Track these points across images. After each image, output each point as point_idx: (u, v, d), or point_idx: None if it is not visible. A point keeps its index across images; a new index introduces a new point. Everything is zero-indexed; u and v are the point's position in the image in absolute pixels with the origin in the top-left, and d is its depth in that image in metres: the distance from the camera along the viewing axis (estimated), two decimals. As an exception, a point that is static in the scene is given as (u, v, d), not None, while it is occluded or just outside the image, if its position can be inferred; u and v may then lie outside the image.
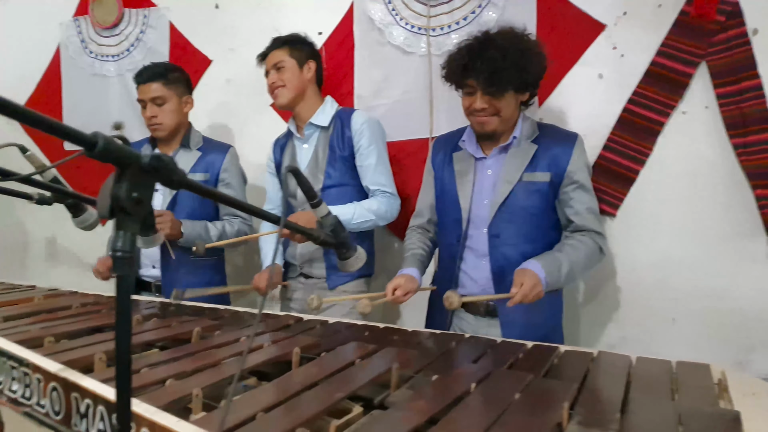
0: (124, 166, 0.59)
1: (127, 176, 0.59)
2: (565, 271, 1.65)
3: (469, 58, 1.69)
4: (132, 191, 0.60)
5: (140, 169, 0.60)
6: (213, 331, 1.50)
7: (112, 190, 0.59)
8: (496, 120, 1.75)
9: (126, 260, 0.60)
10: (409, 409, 0.97)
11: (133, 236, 0.61)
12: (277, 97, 2.20)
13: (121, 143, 0.58)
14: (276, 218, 0.87)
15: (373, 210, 2.09)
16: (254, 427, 0.88)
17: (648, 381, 1.21)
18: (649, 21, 1.99)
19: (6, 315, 1.52)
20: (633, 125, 2.02)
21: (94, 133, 0.56)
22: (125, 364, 0.60)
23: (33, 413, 1.07)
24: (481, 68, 1.66)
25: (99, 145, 0.55)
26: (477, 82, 1.70)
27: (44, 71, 3.44)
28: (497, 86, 1.68)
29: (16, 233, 3.69)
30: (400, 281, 1.78)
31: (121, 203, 0.59)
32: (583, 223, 1.75)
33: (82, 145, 0.55)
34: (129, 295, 0.61)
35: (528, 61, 1.69)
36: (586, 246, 1.72)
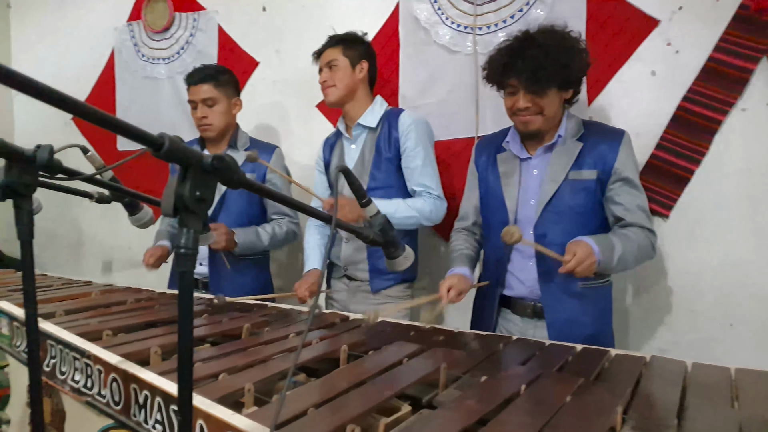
0: (188, 166, 0.61)
1: (190, 176, 0.61)
2: (618, 255, 1.60)
3: (510, 58, 1.67)
4: (195, 190, 0.61)
5: (202, 169, 0.62)
6: (262, 328, 1.53)
7: (176, 190, 0.61)
8: (540, 119, 1.72)
9: (189, 257, 0.62)
10: (458, 409, 0.97)
11: (196, 234, 0.62)
12: (327, 95, 2.20)
13: (186, 148, 0.59)
14: (327, 216, 0.88)
15: (417, 208, 2.07)
16: (306, 422, 0.89)
17: (705, 387, 1.17)
18: (706, 15, 1.91)
19: (67, 309, 1.59)
20: (688, 123, 1.96)
21: (160, 134, 0.57)
22: (187, 357, 0.62)
23: (94, 402, 1.12)
24: (522, 67, 1.64)
25: (165, 146, 0.57)
26: (519, 81, 1.68)
27: (99, 74, 3.58)
28: (540, 84, 1.65)
29: (72, 231, 3.85)
30: (453, 281, 1.76)
31: (184, 202, 0.61)
32: (633, 220, 1.70)
33: (150, 146, 0.57)
34: (191, 291, 0.63)
35: (570, 58, 1.66)
36: (639, 238, 1.68)
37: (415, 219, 2.07)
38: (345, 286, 2.23)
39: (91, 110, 0.50)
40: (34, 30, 3.94)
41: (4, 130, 3.94)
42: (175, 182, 0.62)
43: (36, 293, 1.29)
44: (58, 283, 2.14)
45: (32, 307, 0.81)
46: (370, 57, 2.23)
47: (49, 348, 1.27)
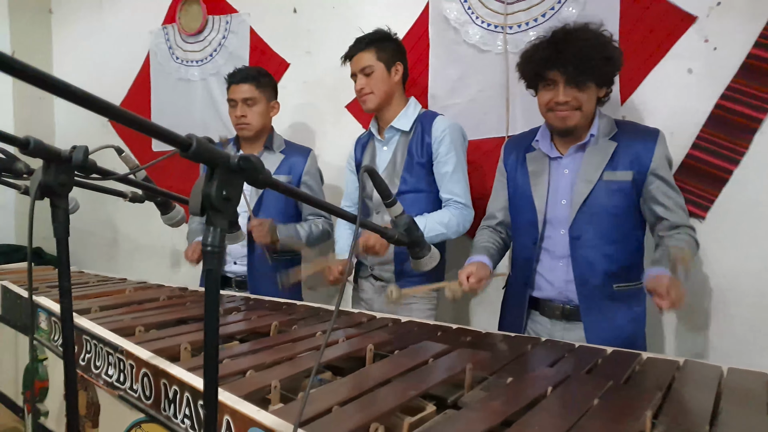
0: (215, 166, 0.62)
1: (217, 176, 0.62)
2: (683, 273, 1.56)
3: (552, 51, 1.65)
4: (221, 190, 0.63)
5: (229, 169, 0.63)
6: (290, 326, 1.54)
7: (204, 189, 0.62)
8: (578, 115, 1.69)
9: (216, 255, 0.63)
10: (483, 409, 0.96)
11: (222, 232, 0.64)
12: (365, 103, 2.17)
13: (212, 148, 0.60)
14: (353, 217, 0.88)
15: (444, 223, 2.05)
16: (330, 419, 0.90)
17: (741, 393, 1.14)
18: (746, 11, 1.86)
19: (102, 305, 1.64)
20: (726, 122, 1.90)
21: (188, 135, 0.59)
22: (213, 353, 0.63)
23: (126, 396, 1.15)
24: (567, 58, 1.62)
25: (193, 146, 0.58)
26: (561, 73, 1.65)
27: (135, 76, 3.67)
28: (583, 76, 1.63)
29: (106, 229, 3.95)
30: (472, 269, 1.74)
31: (211, 201, 0.62)
32: (677, 220, 1.68)
33: (178, 147, 0.58)
34: (217, 288, 0.64)
35: (611, 52, 1.65)
36: (688, 244, 1.65)
37: (442, 235, 2.05)
38: (372, 286, 2.24)
39: (122, 112, 0.51)
40: (74, 35, 4.07)
41: (46, 131, 4.08)
42: (203, 182, 0.63)
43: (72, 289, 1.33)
44: (93, 280, 2.21)
45: (68, 303, 0.83)
46: (402, 56, 2.21)
47: (85, 343, 1.31)
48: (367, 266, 2.25)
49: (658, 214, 1.70)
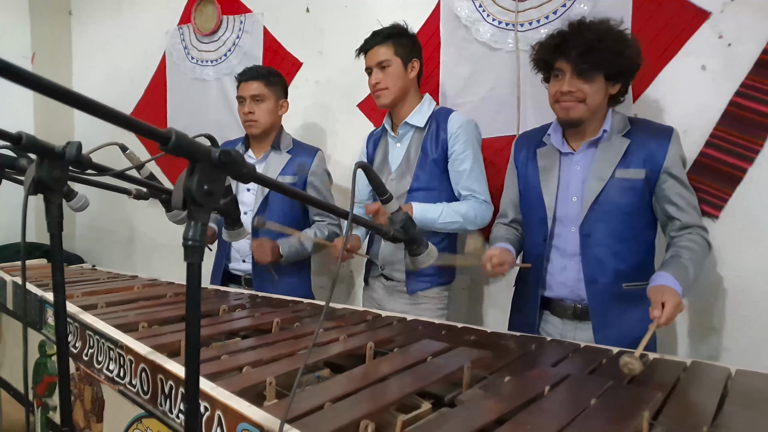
0: (196, 160, 0.62)
1: (198, 170, 0.62)
2: (692, 276, 1.56)
3: (563, 39, 1.64)
4: (203, 184, 0.63)
5: (211, 164, 0.63)
6: (293, 323, 1.55)
7: (185, 184, 0.62)
8: (582, 107, 1.66)
9: (197, 249, 0.63)
10: (477, 408, 0.96)
11: (203, 226, 0.64)
12: (379, 98, 2.15)
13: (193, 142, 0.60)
14: (345, 213, 0.88)
15: (461, 213, 2.03)
16: (321, 416, 0.90)
17: (747, 395, 1.11)
18: (760, 6, 1.81)
19: (108, 301, 1.66)
20: (741, 120, 1.86)
21: (168, 129, 0.59)
22: (195, 345, 0.63)
23: (126, 391, 1.16)
24: (574, 45, 1.60)
25: (172, 140, 0.59)
26: (568, 61, 1.63)
27: (152, 76, 3.72)
28: (589, 65, 1.60)
29: (124, 228, 4.01)
30: (495, 251, 1.73)
31: (192, 195, 0.62)
32: (688, 220, 1.65)
33: (156, 141, 0.58)
34: (199, 282, 0.64)
35: (624, 47, 1.62)
36: (699, 245, 1.63)
37: (459, 224, 2.04)
38: (382, 285, 2.23)
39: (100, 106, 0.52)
40: (93, 36, 4.14)
41: (65, 131, 4.15)
42: (184, 176, 0.63)
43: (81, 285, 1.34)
44: (104, 276, 2.24)
45: (61, 296, 0.85)
46: (419, 53, 2.19)
47: (88, 338, 1.32)
48: (378, 266, 2.24)
49: (669, 214, 1.67)
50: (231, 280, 2.49)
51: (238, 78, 2.46)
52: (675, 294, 1.44)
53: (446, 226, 2.04)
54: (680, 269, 1.54)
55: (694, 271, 1.57)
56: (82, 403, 1.42)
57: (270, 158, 2.45)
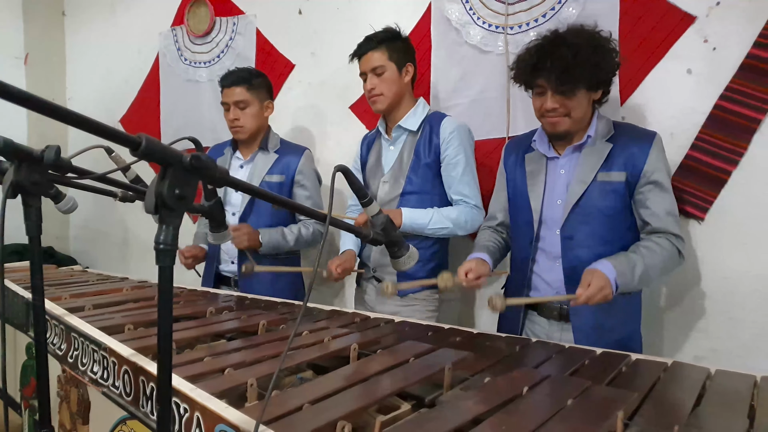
0: (167, 165, 0.63)
1: (170, 175, 0.63)
2: (639, 273, 1.57)
3: (539, 58, 1.64)
4: (174, 188, 0.64)
5: (182, 168, 0.64)
6: (279, 325, 1.55)
7: (156, 188, 0.63)
8: (567, 121, 1.69)
9: (168, 252, 0.64)
10: (454, 408, 0.96)
11: (175, 230, 0.65)
12: (375, 103, 2.15)
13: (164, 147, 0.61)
14: (323, 216, 0.89)
15: (451, 218, 2.04)
16: (298, 417, 0.91)
17: (724, 395, 1.13)
18: (744, 11, 1.83)
19: (96, 303, 1.66)
20: (725, 123, 1.87)
21: (138, 135, 0.60)
22: (167, 346, 0.64)
23: (109, 393, 1.17)
24: (551, 67, 1.61)
25: (142, 145, 0.59)
26: (548, 82, 1.65)
27: (145, 77, 3.73)
28: (568, 85, 1.61)
29: (119, 230, 4.02)
30: (471, 265, 1.75)
31: (164, 199, 0.63)
32: (660, 225, 1.66)
33: (127, 146, 0.59)
34: (171, 284, 0.65)
35: (600, 58, 1.62)
36: (663, 249, 1.63)
37: (449, 230, 2.05)
38: (374, 288, 2.24)
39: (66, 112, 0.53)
40: (86, 37, 4.15)
41: (59, 137, 4.15)
42: (156, 181, 0.64)
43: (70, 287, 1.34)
44: (94, 278, 2.24)
45: (39, 298, 0.85)
46: (412, 57, 2.19)
47: (73, 340, 1.33)
48: (370, 268, 2.25)
49: (643, 218, 1.69)
50: (222, 282, 2.50)
51: (220, 83, 2.45)
52: (604, 278, 1.50)
53: (436, 232, 2.05)
54: (623, 260, 1.57)
55: (644, 270, 1.57)
56: (68, 405, 1.43)
57: (257, 159, 2.46)
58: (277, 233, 2.35)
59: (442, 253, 2.20)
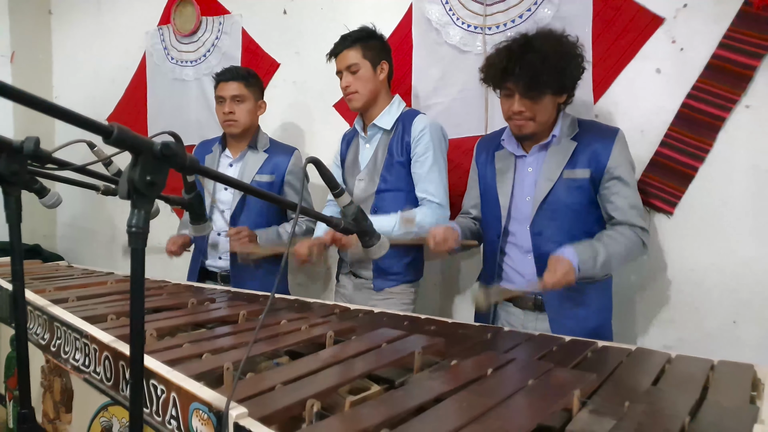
0: (138, 152, 0.67)
1: (141, 162, 0.68)
2: (602, 260, 1.63)
3: (508, 62, 1.68)
4: (145, 175, 0.68)
5: (152, 156, 0.68)
6: (259, 315, 1.60)
7: (128, 174, 0.68)
8: (532, 124, 1.75)
9: (140, 235, 0.69)
10: (420, 388, 1.02)
11: (146, 215, 0.69)
12: (351, 101, 2.20)
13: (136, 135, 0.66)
14: (293, 205, 0.94)
15: (416, 222, 2.03)
16: (270, 396, 0.95)
17: (680, 377, 1.19)
18: (710, 13, 1.90)
19: (80, 295, 1.70)
20: (692, 121, 1.94)
21: (110, 123, 0.64)
22: (139, 328, 0.69)
23: (90, 379, 1.21)
24: (520, 73, 1.66)
25: (114, 133, 0.64)
26: (515, 86, 1.69)
27: (132, 76, 3.75)
28: (535, 91, 1.67)
29: (106, 227, 4.03)
30: (439, 229, 1.82)
31: (135, 185, 0.68)
32: (624, 219, 1.72)
33: (99, 134, 0.64)
34: (143, 267, 0.69)
35: (566, 63, 1.67)
36: (626, 238, 1.69)
37: (414, 233, 2.03)
38: (350, 282, 2.28)
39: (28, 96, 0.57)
40: (73, 35, 4.16)
41: (46, 132, 4.14)
42: (128, 168, 0.68)
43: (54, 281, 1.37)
44: (78, 273, 2.27)
45: (19, 284, 0.89)
46: (388, 54, 2.23)
47: (56, 330, 1.37)
48: (347, 263, 2.30)
49: (608, 212, 1.76)
50: (207, 277, 2.53)
51: (216, 78, 2.49)
52: (567, 263, 1.57)
53: (402, 237, 2.04)
54: (587, 249, 1.63)
55: (606, 257, 1.64)
56: (52, 394, 1.46)
57: (247, 158, 2.49)
58: (273, 233, 2.40)
59: (416, 247, 2.23)
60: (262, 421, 0.84)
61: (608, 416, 0.93)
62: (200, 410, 0.89)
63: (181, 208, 2.03)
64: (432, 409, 0.93)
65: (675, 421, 0.92)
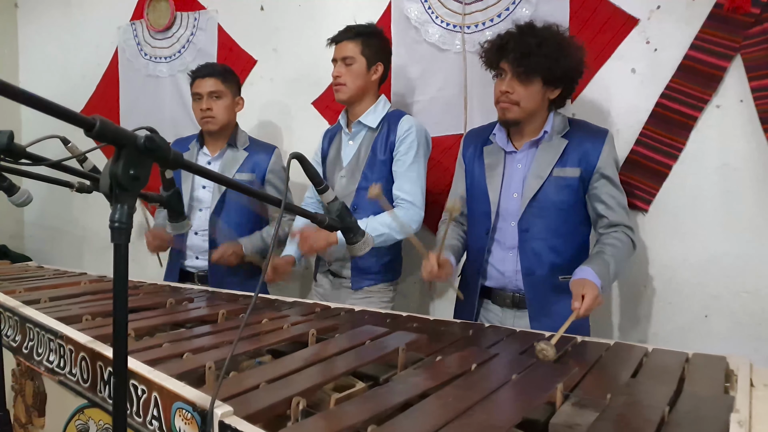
0: (121, 146, 0.66)
1: (124, 155, 0.66)
2: (613, 272, 1.65)
3: (507, 41, 1.73)
4: (128, 169, 0.66)
5: (136, 149, 0.67)
6: (239, 314, 1.58)
7: (111, 168, 0.66)
8: (516, 109, 1.75)
9: (123, 231, 0.67)
10: (405, 384, 1.02)
11: (130, 209, 0.67)
12: (337, 92, 2.18)
13: (118, 128, 0.64)
14: (278, 201, 0.93)
15: (386, 223, 2.01)
16: (255, 394, 0.94)
17: (657, 369, 1.22)
18: (683, 14, 1.94)
19: (52, 296, 1.65)
20: (666, 120, 1.98)
21: (92, 116, 0.63)
22: (122, 325, 0.67)
23: (66, 381, 1.18)
24: (514, 48, 1.69)
25: (96, 126, 0.62)
26: (508, 62, 1.72)
27: (104, 72, 3.66)
28: (525, 68, 1.69)
29: (75, 227, 3.94)
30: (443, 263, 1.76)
31: (118, 180, 0.66)
32: (616, 219, 1.75)
33: (81, 126, 0.62)
34: (126, 262, 0.68)
35: (562, 55, 1.70)
36: (623, 243, 1.72)
37: (386, 235, 2.02)
38: (328, 281, 2.27)
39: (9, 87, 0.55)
40: (40, 29, 4.04)
41: (12, 124, 4.02)
42: (111, 162, 0.67)
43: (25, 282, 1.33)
44: (51, 273, 2.22)
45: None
46: (386, 58, 2.23)
47: (28, 331, 1.33)
48: (326, 262, 2.28)
49: (599, 212, 1.77)
50: (186, 278, 2.48)
51: (192, 74, 2.45)
52: (594, 287, 1.52)
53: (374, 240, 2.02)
54: (602, 265, 1.63)
55: (615, 267, 1.66)
56: (24, 398, 1.42)
57: (226, 156, 2.46)
58: (257, 239, 2.39)
59: (396, 247, 2.24)
60: (248, 419, 0.83)
61: (591, 408, 0.95)
62: (184, 410, 0.88)
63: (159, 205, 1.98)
64: (417, 405, 0.93)
65: (655, 411, 0.93)
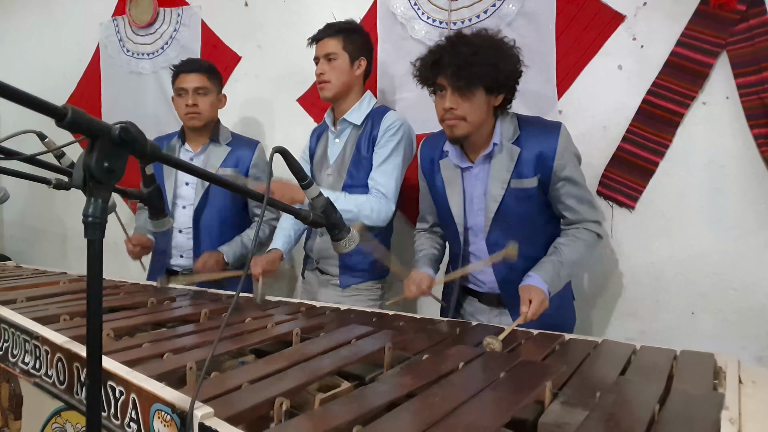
0: (95, 137, 0.63)
1: (98, 147, 0.63)
2: (565, 273, 1.66)
3: (440, 55, 1.63)
4: (102, 161, 0.64)
5: (111, 141, 0.64)
6: (221, 314, 1.55)
7: (84, 161, 0.63)
8: (464, 125, 1.66)
9: (97, 225, 0.64)
10: (391, 384, 0.99)
11: (104, 203, 0.64)
12: (322, 90, 2.16)
13: (92, 119, 0.61)
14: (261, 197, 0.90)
15: (357, 204, 1.98)
16: (236, 395, 0.92)
17: (645, 366, 1.21)
18: (670, 11, 1.94)
19: (30, 296, 1.61)
20: (652, 116, 1.98)
21: (64, 105, 0.60)
22: (97, 323, 0.64)
23: (42, 383, 1.14)
24: (450, 62, 1.60)
25: (68, 116, 0.59)
26: (446, 78, 1.63)
27: (85, 69, 3.60)
28: (465, 81, 1.60)
29: (57, 226, 3.87)
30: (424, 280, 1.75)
31: (92, 172, 0.63)
32: (575, 218, 1.73)
33: (52, 116, 0.59)
34: (100, 259, 0.65)
35: (499, 59, 1.62)
36: (581, 239, 1.71)
37: (353, 214, 1.97)
38: (316, 279, 2.25)
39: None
40: (20, 25, 3.96)
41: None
42: (84, 154, 0.64)
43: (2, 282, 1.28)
44: (29, 273, 2.17)
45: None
46: (369, 53, 2.21)
47: (3, 332, 1.29)
48: (313, 260, 2.26)
49: (560, 212, 1.75)
50: (170, 276, 2.44)
51: (176, 69, 2.42)
52: (540, 292, 1.56)
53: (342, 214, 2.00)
54: (549, 269, 1.64)
55: (569, 269, 1.68)
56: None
57: (210, 151, 2.44)
58: (238, 246, 2.38)
59: (384, 245, 2.22)
60: (229, 420, 0.80)
61: (580, 407, 0.93)
62: (162, 411, 0.85)
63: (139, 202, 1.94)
64: (404, 405, 0.91)
65: (645, 409, 0.92)
